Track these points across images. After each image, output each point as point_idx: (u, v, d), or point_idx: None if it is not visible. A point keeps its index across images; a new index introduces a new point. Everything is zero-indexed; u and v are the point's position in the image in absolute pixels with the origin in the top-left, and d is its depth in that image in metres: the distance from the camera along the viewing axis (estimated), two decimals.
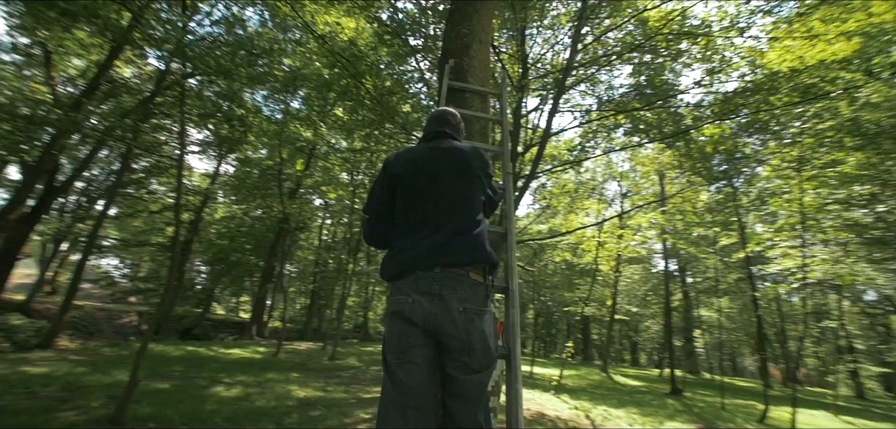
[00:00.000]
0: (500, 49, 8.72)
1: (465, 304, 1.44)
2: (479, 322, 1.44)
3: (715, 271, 16.15)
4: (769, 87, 5.97)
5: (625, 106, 8.07)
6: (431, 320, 1.41)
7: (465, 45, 2.88)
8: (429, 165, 1.65)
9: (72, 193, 15.26)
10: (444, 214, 1.55)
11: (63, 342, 13.57)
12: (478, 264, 1.54)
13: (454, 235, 1.52)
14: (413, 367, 1.42)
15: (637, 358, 36.69)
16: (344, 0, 7.44)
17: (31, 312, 13.97)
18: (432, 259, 1.47)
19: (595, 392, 13.51)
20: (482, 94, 2.79)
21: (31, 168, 9.41)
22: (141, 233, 19.36)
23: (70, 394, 6.32)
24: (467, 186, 1.63)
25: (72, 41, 10.41)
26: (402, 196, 1.62)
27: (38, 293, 16.13)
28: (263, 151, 18.55)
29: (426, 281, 1.45)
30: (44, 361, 8.84)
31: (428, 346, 1.43)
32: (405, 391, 1.39)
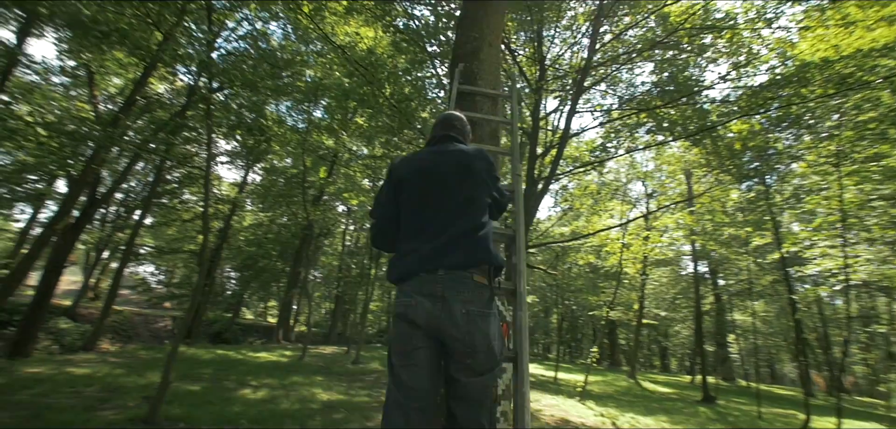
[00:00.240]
0: (518, 52, 8.70)
1: (468, 305, 1.44)
2: (483, 324, 1.44)
3: (748, 273, 15.43)
4: (800, 79, 5.69)
5: (647, 104, 7.87)
6: (434, 322, 1.42)
7: (474, 49, 2.89)
8: (433, 168, 1.67)
9: (112, 203, 16.16)
10: (448, 216, 1.56)
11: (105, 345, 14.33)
12: (482, 266, 1.54)
13: (458, 238, 1.52)
14: (416, 369, 1.43)
15: (667, 364, 35.41)
16: (361, 11, 7.60)
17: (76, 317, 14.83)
18: (435, 261, 1.48)
19: (622, 399, 13.13)
20: (492, 96, 2.79)
21: (75, 181, 10.03)
22: (174, 241, 20.25)
23: (109, 394, 6.67)
24: (471, 188, 1.64)
25: (111, 61, 11.07)
26: (407, 200, 1.65)
27: (82, 299, 17.10)
28: (288, 159, 19.12)
29: (429, 283, 1.46)
30: (87, 362, 9.36)
31: (431, 348, 1.44)
32: (408, 393, 1.41)
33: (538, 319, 33.66)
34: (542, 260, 18.88)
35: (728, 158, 8.31)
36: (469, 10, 3.08)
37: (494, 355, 1.45)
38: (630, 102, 8.51)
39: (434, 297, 1.43)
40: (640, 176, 15.89)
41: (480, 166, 1.70)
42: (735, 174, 9.09)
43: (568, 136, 7.63)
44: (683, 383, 21.95)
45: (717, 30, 6.29)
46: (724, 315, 19.37)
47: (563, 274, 19.42)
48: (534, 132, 7.87)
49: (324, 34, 8.11)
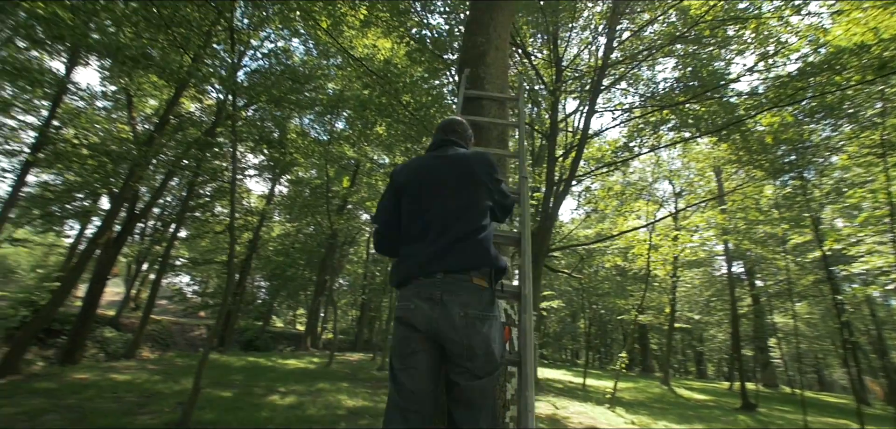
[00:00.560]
0: (534, 54, 8.64)
1: (467, 309, 1.44)
2: (482, 327, 1.44)
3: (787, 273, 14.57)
4: (833, 66, 5.38)
5: (670, 100, 7.64)
6: (433, 326, 1.43)
7: (481, 54, 2.91)
8: (432, 173, 1.69)
9: (150, 218, 17.05)
10: (447, 220, 1.57)
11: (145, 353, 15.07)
12: (481, 269, 1.53)
13: (456, 241, 1.53)
14: (415, 372, 1.44)
15: (703, 370, 33.85)
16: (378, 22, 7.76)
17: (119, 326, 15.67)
18: (434, 265, 1.50)
19: (654, 406, 12.66)
20: (500, 99, 2.79)
21: (117, 197, 10.67)
22: (207, 252, 21.13)
23: (147, 399, 7.01)
24: (470, 191, 1.64)
25: (147, 84, 11.75)
26: (407, 205, 1.67)
27: (125, 309, 18.08)
28: (313, 171, 19.64)
29: (428, 287, 1.48)
30: (128, 369, 9.87)
31: (430, 351, 1.45)
32: (407, 396, 1.42)
33: (565, 324, 32.95)
34: (567, 264, 18.52)
35: (759, 152, 7.93)
36: (476, 14, 3.10)
37: (494, 358, 1.44)
38: (652, 100, 8.28)
39: (433, 300, 1.44)
40: (666, 175, 15.37)
41: (480, 169, 1.70)
42: (768, 169, 8.65)
43: (587, 136, 7.50)
44: (721, 389, 20.93)
45: (741, 20, 6.04)
46: (763, 318, 18.36)
47: (589, 277, 18.98)
48: (552, 134, 7.78)
49: (342, 48, 8.32)
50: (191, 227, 16.51)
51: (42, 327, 9.65)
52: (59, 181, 12.03)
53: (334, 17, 7.61)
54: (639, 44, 7.69)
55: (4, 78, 9.77)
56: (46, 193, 10.92)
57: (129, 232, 12.89)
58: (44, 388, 7.26)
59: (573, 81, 8.45)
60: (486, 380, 1.43)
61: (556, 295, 21.45)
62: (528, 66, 8.21)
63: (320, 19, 7.72)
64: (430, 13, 7.77)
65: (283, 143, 10.12)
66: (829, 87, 5.58)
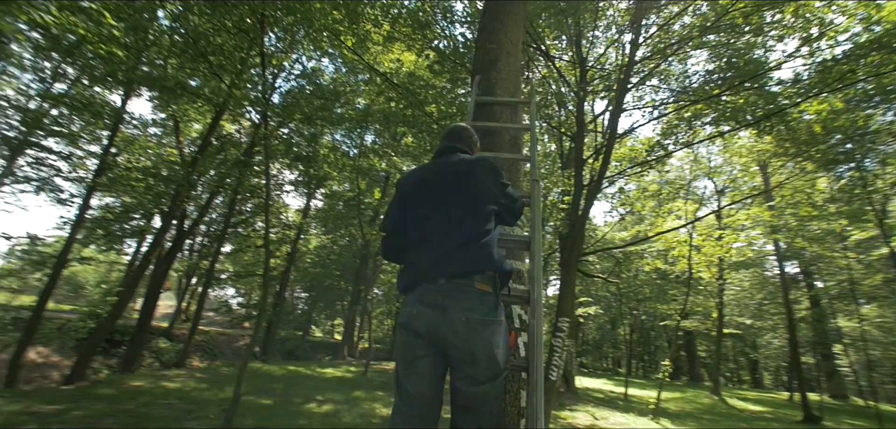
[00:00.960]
0: (559, 57, 8.52)
1: (469, 313, 1.43)
2: (484, 332, 1.43)
3: (849, 273, 13.31)
4: (889, 43, 4.94)
5: (704, 94, 7.28)
6: (435, 331, 1.44)
7: (493, 61, 2.92)
8: (434, 180, 1.71)
9: (197, 234, 18.16)
10: (449, 226, 1.59)
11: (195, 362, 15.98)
12: (484, 274, 1.53)
13: (458, 246, 1.54)
14: (418, 378, 1.46)
15: (758, 378, 31.46)
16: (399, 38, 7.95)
17: (172, 337, 16.72)
18: (437, 270, 1.51)
19: (703, 418, 11.93)
20: (512, 104, 2.79)
21: (166, 216, 11.48)
22: (250, 265, 22.20)
23: (194, 406, 7.43)
24: (471, 196, 1.65)
25: (192, 110, 12.60)
26: (412, 212, 1.70)
27: (177, 321, 19.30)
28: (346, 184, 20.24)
29: (431, 293, 1.49)
30: (178, 377, 10.51)
31: (434, 357, 1.46)
32: (410, 402, 1.44)
33: (604, 331, 31.75)
34: (600, 268, 17.90)
35: (808, 143, 7.36)
36: (487, 22, 3.13)
37: (497, 363, 1.43)
38: (685, 94, 7.92)
39: (435, 306, 1.46)
40: (706, 171, 14.52)
41: (482, 174, 1.71)
42: (820, 161, 8.00)
43: (615, 136, 7.28)
44: (779, 400, 19.38)
45: (777, 3, 5.67)
46: (825, 322, 16.86)
47: (627, 282, 18.24)
48: (578, 136, 7.61)
49: (368, 64, 8.58)
50: (234, 242, 17.42)
51: (104, 338, 10.48)
52: (118, 203, 13.10)
53: (358, 35, 7.86)
54: (667, 38, 7.39)
55: (73, 112, 10.85)
56: (108, 214, 11.90)
57: (179, 248, 13.79)
58: (105, 394, 7.86)
59: (599, 81, 8.24)
60: (488, 386, 1.41)
61: (594, 301, 20.74)
62: (552, 68, 8.10)
63: (345, 39, 8.00)
64: (451, 24, 7.87)
65: (316, 158, 10.53)
66: (883, 67, 5.11)
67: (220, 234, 14.04)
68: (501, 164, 2.56)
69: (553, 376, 7.87)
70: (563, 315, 7.96)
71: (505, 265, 1.62)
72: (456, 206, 1.62)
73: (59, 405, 6.79)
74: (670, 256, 13.34)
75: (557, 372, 7.87)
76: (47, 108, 11.07)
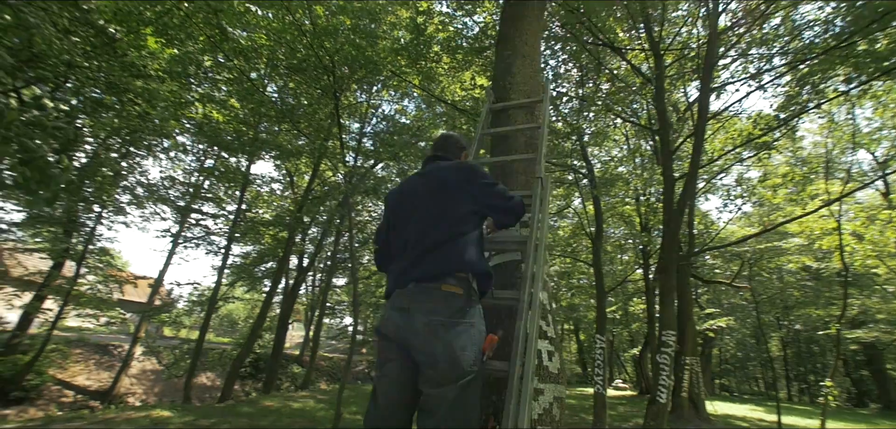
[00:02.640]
0: (629, 47, 7.85)
1: (430, 316, 1.45)
2: (446, 334, 1.42)
3: None
4: None
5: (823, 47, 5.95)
6: (401, 334, 1.49)
7: (508, 66, 2.91)
8: (412, 190, 1.79)
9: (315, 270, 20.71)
10: (420, 233, 1.64)
11: (322, 385, 17.97)
12: (454, 276, 1.54)
13: (427, 251, 1.58)
14: (387, 381, 1.52)
15: None
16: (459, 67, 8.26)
17: (301, 363, 19.13)
18: (407, 276, 1.57)
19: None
20: (526, 106, 2.73)
21: (285, 255, 13.42)
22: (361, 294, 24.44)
23: (311, 424, 8.39)
24: (442, 202, 1.68)
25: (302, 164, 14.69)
26: (394, 224, 1.80)
27: (306, 348, 22.04)
28: None
29: (400, 297, 1.56)
30: (303, 398, 11.95)
31: (402, 360, 1.50)
32: (380, 405, 1.50)
33: (748, 347, 26.60)
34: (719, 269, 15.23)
35: None
36: (503, 30, 3.13)
37: (459, 366, 1.40)
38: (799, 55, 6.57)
39: (401, 309, 1.52)
40: (856, 141, 11.42)
41: (454, 178, 1.73)
42: None
43: (705, 117, 6.35)
44: None
45: None
46: None
47: (763, 286, 15.20)
48: (662, 127, 6.84)
49: (435, 96, 9.06)
50: (344, 274, 19.42)
51: (242, 364, 12.51)
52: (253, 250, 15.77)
53: (423, 73, 8.38)
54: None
55: (221, 181, 13.58)
56: (246, 260, 14.37)
57: (301, 282, 15.91)
58: (245, 411, 9.36)
59: (682, 62, 7.32)
60: (449, 388, 1.39)
61: (725, 312, 17.70)
62: (625, 64, 7.50)
63: (412, 79, 8.59)
64: None
65: None
66: None
67: (331, 268, 15.80)
68: (514, 166, 2.51)
69: (661, 399, 6.94)
70: (668, 328, 7.02)
71: (479, 266, 1.61)
72: (427, 212, 1.67)
73: (212, 419, 8.31)
74: (816, 247, 10.76)
75: (666, 394, 6.92)
76: (202, 179, 14.05)
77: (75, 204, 10.47)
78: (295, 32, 6.11)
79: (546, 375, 1.97)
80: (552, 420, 1.90)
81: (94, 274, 12.51)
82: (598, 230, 8.92)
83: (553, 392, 1.96)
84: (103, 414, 9.60)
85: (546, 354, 2.01)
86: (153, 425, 7.81)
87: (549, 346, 2.05)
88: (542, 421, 1.86)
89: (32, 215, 10.11)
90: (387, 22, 8.17)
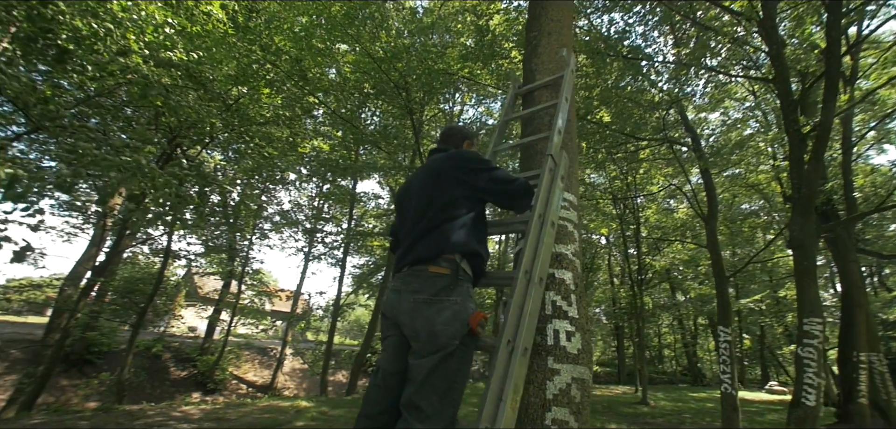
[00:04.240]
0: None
1: (416, 295, 1.59)
2: (427, 310, 1.54)
3: None
4: None
5: None
6: (394, 313, 1.67)
7: (534, 47, 2.84)
8: (411, 183, 1.95)
9: None
10: (413, 221, 1.79)
11: None
12: (440, 258, 1.64)
13: (418, 238, 1.72)
14: (385, 354, 1.71)
15: None
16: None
17: None
18: (402, 261, 1.75)
19: None
20: (550, 84, 2.64)
21: None
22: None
23: None
24: (433, 189, 1.79)
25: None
26: (398, 215, 1.98)
27: None
28: None
29: (396, 280, 1.74)
30: None
31: (398, 337, 1.67)
32: (378, 373, 1.69)
33: None
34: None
35: None
36: (530, 14, 3.07)
37: (437, 339, 1.50)
38: None
39: (396, 291, 1.70)
40: None
41: (446, 166, 1.83)
42: None
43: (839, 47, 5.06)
44: None
45: None
46: None
47: None
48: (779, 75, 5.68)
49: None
50: None
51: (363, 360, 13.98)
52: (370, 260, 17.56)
53: (497, 73, 8.42)
54: None
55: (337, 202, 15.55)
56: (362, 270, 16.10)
57: None
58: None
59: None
60: (428, 359, 1.50)
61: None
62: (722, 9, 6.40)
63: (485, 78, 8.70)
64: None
65: None
66: None
67: None
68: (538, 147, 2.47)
69: (809, 401, 5.66)
70: (810, 315, 5.71)
71: (467, 247, 1.68)
72: (420, 201, 1.81)
73: (340, 409, 9.54)
74: None
75: (815, 395, 5.61)
76: (322, 203, 16.27)
77: (233, 234, 13.17)
78: (368, 62, 6.79)
79: (563, 355, 1.89)
80: (570, 401, 1.81)
81: (251, 290, 15.45)
82: (711, 208, 7.68)
83: (571, 373, 1.87)
84: (262, 403, 11.79)
85: (564, 334, 1.93)
86: (295, 411, 9.32)
87: (568, 326, 1.96)
88: (558, 402, 1.80)
89: (207, 246, 13.04)
90: (453, 30, 8.42)
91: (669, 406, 12.88)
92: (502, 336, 1.57)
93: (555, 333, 1.90)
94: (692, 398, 14.98)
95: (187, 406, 9.69)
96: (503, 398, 1.47)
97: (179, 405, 9.89)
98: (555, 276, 2.06)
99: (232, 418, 8.04)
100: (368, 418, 1.62)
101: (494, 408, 1.47)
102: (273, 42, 6.40)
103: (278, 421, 7.99)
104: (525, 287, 1.74)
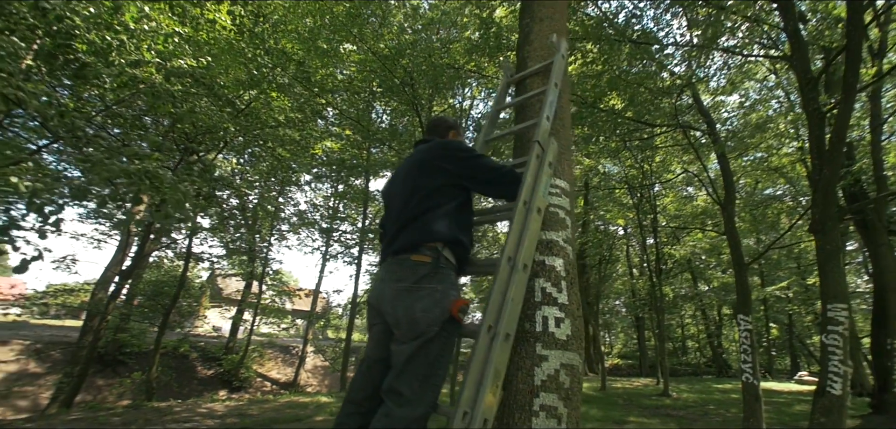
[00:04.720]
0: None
1: (397, 283, 1.62)
2: (407, 298, 1.57)
3: None
4: None
5: None
6: (377, 301, 1.71)
7: (526, 35, 2.83)
8: (395, 175, 1.98)
9: None
10: (397, 212, 1.82)
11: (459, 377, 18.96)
12: (422, 247, 1.67)
13: (400, 229, 1.75)
14: (371, 342, 1.75)
15: None
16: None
17: None
18: (386, 252, 1.79)
19: None
20: (540, 71, 2.62)
21: None
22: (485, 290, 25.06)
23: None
24: (415, 180, 1.81)
25: None
26: (385, 207, 2.02)
27: None
28: None
29: (381, 270, 1.80)
30: None
31: (382, 324, 1.71)
32: (365, 359, 1.74)
33: None
34: None
35: None
36: (523, 4, 3.05)
37: (417, 325, 1.52)
38: None
39: (380, 280, 1.75)
40: None
41: (427, 156, 1.85)
42: None
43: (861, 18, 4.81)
44: None
45: None
46: None
47: None
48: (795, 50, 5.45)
49: None
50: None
51: None
52: None
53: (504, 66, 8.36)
54: None
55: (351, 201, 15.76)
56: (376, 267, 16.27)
57: None
58: None
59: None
60: (409, 345, 1.53)
61: None
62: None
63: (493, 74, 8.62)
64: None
65: None
66: None
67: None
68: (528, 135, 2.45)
69: (835, 390, 5.44)
70: (835, 301, 5.48)
71: (448, 235, 1.70)
72: (403, 192, 1.84)
73: None
74: None
75: (841, 383, 5.38)
76: (337, 202, 16.51)
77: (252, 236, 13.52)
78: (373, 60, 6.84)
79: (551, 341, 1.89)
80: (559, 387, 1.81)
81: (272, 290, 15.82)
82: (728, 193, 7.43)
83: (560, 359, 1.86)
84: (283, 399, 12.10)
85: (553, 320, 1.92)
86: (315, 405, 9.54)
87: (557, 312, 1.95)
88: (547, 387, 1.79)
89: (228, 248, 13.44)
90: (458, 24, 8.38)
91: (693, 398, 12.58)
92: (484, 322, 1.58)
93: (543, 319, 1.89)
94: (716, 390, 14.59)
95: (213, 403, 10.05)
96: (483, 383, 1.49)
97: (205, 403, 10.26)
98: (545, 263, 2.05)
99: (254, 413, 8.29)
100: (353, 403, 1.67)
101: (474, 392, 1.48)
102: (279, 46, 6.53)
103: (299, 416, 8.20)
104: (508, 274, 1.74)
